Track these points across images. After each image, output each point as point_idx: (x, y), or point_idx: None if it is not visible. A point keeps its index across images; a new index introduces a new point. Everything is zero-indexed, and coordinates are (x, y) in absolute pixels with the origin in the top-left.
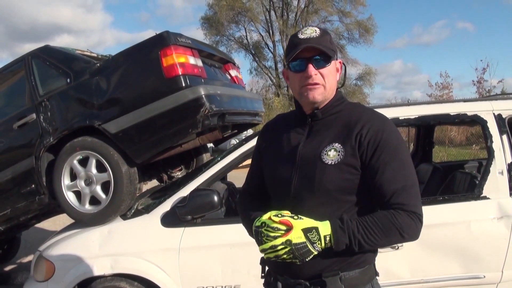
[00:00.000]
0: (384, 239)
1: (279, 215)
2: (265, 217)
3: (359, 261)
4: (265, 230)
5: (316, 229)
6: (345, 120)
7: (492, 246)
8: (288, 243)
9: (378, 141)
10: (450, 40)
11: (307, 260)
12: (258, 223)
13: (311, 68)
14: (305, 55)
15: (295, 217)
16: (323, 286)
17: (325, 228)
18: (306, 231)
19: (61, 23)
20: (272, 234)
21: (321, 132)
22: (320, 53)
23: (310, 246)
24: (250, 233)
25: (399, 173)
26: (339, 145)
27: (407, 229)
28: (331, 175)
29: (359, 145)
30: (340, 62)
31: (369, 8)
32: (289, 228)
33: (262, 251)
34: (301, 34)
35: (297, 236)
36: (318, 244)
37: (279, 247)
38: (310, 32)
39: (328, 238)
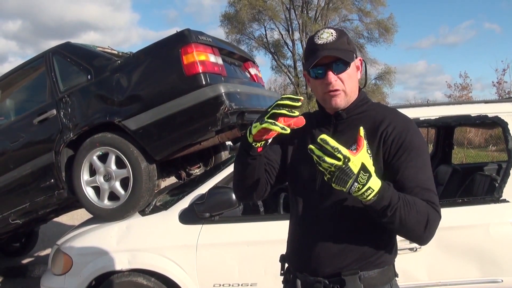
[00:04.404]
0: (412, 221)
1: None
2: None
3: (378, 261)
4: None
5: (370, 175)
6: (370, 120)
7: (511, 250)
8: (346, 161)
9: (402, 141)
10: (476, 41)
11: (332, 185)
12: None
13: (331, 75)
14: (323, 61)
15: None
16: (342, 285)
17: (375, 182)
18: (362, 168)
19: (88, 20)
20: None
21: (346, 132)
22: (338, 58)
23: (351, 181)
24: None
25: (420, 173)
26: None
27: (432, 223)
28: None
29: (383, 143)
30: (360, 60)
31: (395, 7)
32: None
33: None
34: (318, 39)
35: (354, 164)
36: (357, 187)
37: (333, 161)
38: (327, 36)
39: (369, 192)
